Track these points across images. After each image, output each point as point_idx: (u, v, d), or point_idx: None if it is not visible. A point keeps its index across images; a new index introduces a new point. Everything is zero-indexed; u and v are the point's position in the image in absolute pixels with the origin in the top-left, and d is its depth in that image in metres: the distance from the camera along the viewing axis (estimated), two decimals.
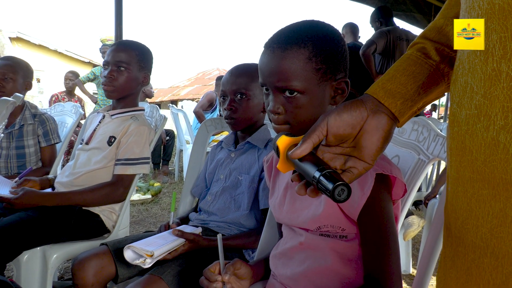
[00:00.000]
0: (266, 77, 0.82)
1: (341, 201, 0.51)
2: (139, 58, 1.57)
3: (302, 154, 0.56)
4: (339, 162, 0.58)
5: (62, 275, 2.13)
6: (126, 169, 1.50)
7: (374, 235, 0.78)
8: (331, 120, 0.56)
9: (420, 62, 0.59)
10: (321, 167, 0.53)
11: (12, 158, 1.97)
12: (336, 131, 0.56)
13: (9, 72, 1.95)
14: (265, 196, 1.25)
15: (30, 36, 12.85)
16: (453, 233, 0.50)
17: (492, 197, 0.43)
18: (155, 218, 3.26)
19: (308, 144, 0.56)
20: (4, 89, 1.93)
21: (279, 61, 0.80)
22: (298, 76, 0.79)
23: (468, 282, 0.47)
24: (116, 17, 2.92)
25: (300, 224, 0.88)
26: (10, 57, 2.08)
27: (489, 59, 0.42)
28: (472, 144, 0.45)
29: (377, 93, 0.58)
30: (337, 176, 0.52)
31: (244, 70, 1.35)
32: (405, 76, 0.58)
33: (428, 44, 0.60)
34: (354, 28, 4.11)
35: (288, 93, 0.80)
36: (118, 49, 1.55)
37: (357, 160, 0.57)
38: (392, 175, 0.78)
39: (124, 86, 1.55)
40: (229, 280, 0.88)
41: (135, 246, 1.11)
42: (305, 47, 0.80)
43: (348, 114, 0.56)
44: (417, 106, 0.59)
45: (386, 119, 0.57)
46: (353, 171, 0.57)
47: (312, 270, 0.84)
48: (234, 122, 1.33)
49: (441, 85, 0.60)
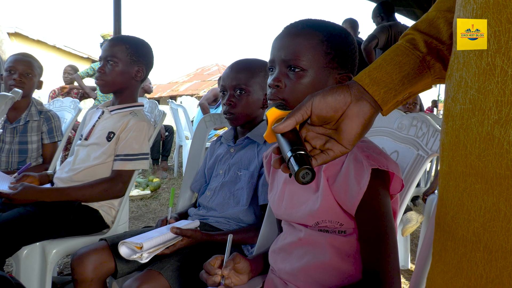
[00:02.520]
0: (276, 51, 0.85)
1: (304, 183, 0.54)
2: (130, 52, 1.56)
3: (284, 130, 0.58)
4: (320, 142, 0.61)
5: (62, 270, 2.13)
6: (125, 165, 1.50)
7: (372, 229, 0.78)
8: (316, 101, 0.58)
9: (407, 53, 0.60)
10: (295, 147, 0.55)
11: (14, 153, 1.98)
12: (319, 113, 0.58)
13: (30, 70, 1.98)
14: (265, 191, 1.25)
15: (29, 31, 12.79)
16: (442, 228, 0.51)
17: (485, 191, 0.43)
18: (154, 213, 3.26)
19: (291, 121, 0.58)
20: (24, 85, 1.95)
21: (292, 38, 0.84)
22: (306, 54, 0.83)
23: (457, 276, 0.47)
24: (114, 13, 2.91)
25: (299, 219, 0.88)
26: (27, 54, 2.09)
27: (484, 54, 0.42)
28: (466, 138, 0.45)
29: (362, 80, 0.60)
30: (306, 159, 0.54)
31: (245, 65, 1.35)
32: (391, 66, 0.59)
33: (418, 35, 0.61)
34: (354, 24, 4.11)
35: (293, 69, 0.83)
36: (109, 43, 1.56)
37: (335, 143, 0.60)
38: (389, 170, 0.78)
39: (113, 80, 1.55)
40: (228, 274, 0.88)
41: (127, 241, 1.11)
42: (320, 32, 0.84)
43: (332, 98, 0.58)
44: (402, 96, 0.60)
45: (368, 107, 0.58)
46: (329, 153, 0.60)
47: (311, 265, 0.84)
48: (233, 118, 1.33)
49: (426, 76, 0.60)
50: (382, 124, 1.16)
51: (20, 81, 1.94)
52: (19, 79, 1.94)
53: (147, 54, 1.62)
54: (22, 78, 1.95)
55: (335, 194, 0.81)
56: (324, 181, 0.82)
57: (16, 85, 1.92)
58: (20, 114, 1.99)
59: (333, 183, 0.82)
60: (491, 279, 0.43)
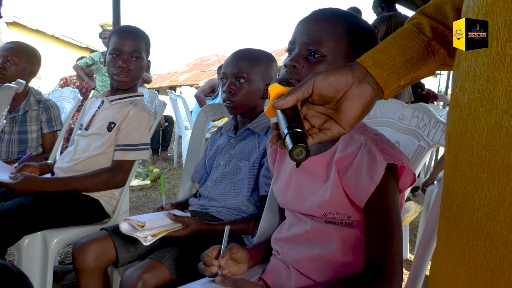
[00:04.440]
0: (299, 33, 0.84)
1: (298, 161, 0.54)
2: (147, 47, 1.58)
3: (284, 107, 0.58)
4: (319, 121, 0.61)
5: (63, 259, 2.14)
6: (125, 155, 1.50)
7: (379, 222, 0.78)
8: (318, 80, 0.58)
9: (412, 37, 0.59)
10: (292, 124, 0.55)
11: (14, 142, 1.97)
12: (320, 91, 0.58)
13: (12, 56, 1.93)
14: (266, 182, 1.26)
15: (27, 21, 12.68)
16: (447, 217, 0.51)
17: (491, 181, 0.43)
18: (154, 203, 3.27)
19: (292, 98, 0.58)
20: (6, 71, 1.92)
21: (318, 23, 0.83)
22: (329, 41, 0.82)
23: (460, 265, 0.47)
24: (114, 2, 2.88)
25: (306, 210, 0.88)
26: (16, 41, 2.06)
27: (493, 43, 0.41)
28: (473, 128, 0.45)
29: (366, 62, 0.59)
30: (302, 137, 0.54)
31: (247, 54, 1.34)
32: (395, 49, 0.59)
33: (424, 19, 0.60)
34: (357, 12, 4.08)
35: (312, 54, 0.82)
36: (130, 37, 1.53)
37: (334, 123, 0.59)
38: (402, 165, 0.78)
39: (137, 75, 1.57)
40: (225, 264, 0.89)
41: (130, 218, 1.15)
42: (347, 23, 0.83)
43: (334, 78, 0.58)
44: (404, 80, 0.60)
45: (370, 89, 0.58)
46: (327, 132, 0.59)
47: (316, 256, 0.84)
48: (232, 106, 1.32)
49: (430, 62, 0.60)
50: (383, 114, 1.15)
51: (0, 68, 1.91)
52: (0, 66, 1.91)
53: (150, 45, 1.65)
54: (3, 64, 1.91)
55: (345, 186, 0.81)
56: (335, 173, 0.82)
57: None
58: (19, 103, 1.98)
59: (344, 175, 0.81)
60: (491, 268, 0.44)
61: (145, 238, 1.10)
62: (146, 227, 1.12)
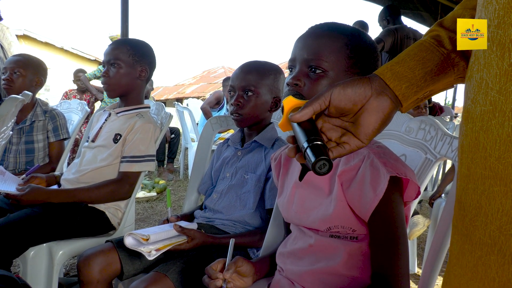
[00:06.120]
0: (298, 50, 0.84)
1: (321, 174, 0.52)
2: (132, 53, 1.56)
3: (301, 119, 0.57)
4: (336, 135, 0.59)
5: (68, 271, 2.14)
6: (131, 166, 1.50)
7: (385, 236, 0.77)
8: (335, 92, 0.57)
9: (431, 49, 0.59)
10: (312, 137, 0.54)
11: (21, 153, 1.99)
12: (337, 104, 0.57)
13: (19, 68, 1.97)
14: (272, 196, 1.25)
15: (37, 33, 12.89)
16: (460, 231, 0.50)
17: (504, 194, 0.42)
18: (160, 215, 3.26)
19: (309, 110, 0.57)
20: (13, 83, 1.95)
21: (316, 38, 0.83)
22: (329, 56, 0.82)
23: (473, 280, 0.46)
24: (122, 15, 2.92)
25: (310, 224, 0.87)
26: (23, 54, 2.10)
27: (506, 54, 0.41)
28: (486, 140, 0.44)
29: (384, 74, 0.58)
30: (323, 150, 0.53)
31: (255, 67, 1.34)
32: (414, 61, 0.58)
33: (443, 32, 0.60)
34: (363, 26, 4.11)
35: (313, 70, 0.82)
36: (110, 48, 1.57)
37: (352, 137, 0.58)
38: (405, 178, 0.77)
39: (118, 82, 1.55)
40: (230, 277, 0.88)
41: (134, 232, 1.14)
42: (345, 36, 0.83)
43: (352, 90, 0.57)
44: (423, 93, 0.59)
45: (388, 102, 0.57)
46: (346, 146, 0.58)
47: (321, 269, 0.83)
48: (240, 119, 1.32)
49: (449, 74, 0.59)
50: (390, 127, 1.15)
51: (8, 80, 1.94)
52: (7, 78, 1.94)
53: (149, 54, 1.62)
54: (10, 76, 1.94)
55: (348, 199, 0.80)
56: (338, 186, 0.81)
57: (5, 84, 1.93)
58: (26, 114, 2.00)
59: (348, 188, 0.80)
60: (503, 283, 0.43)
61: (149, 253, 1.09)
62: (151, 240, 1.12)
